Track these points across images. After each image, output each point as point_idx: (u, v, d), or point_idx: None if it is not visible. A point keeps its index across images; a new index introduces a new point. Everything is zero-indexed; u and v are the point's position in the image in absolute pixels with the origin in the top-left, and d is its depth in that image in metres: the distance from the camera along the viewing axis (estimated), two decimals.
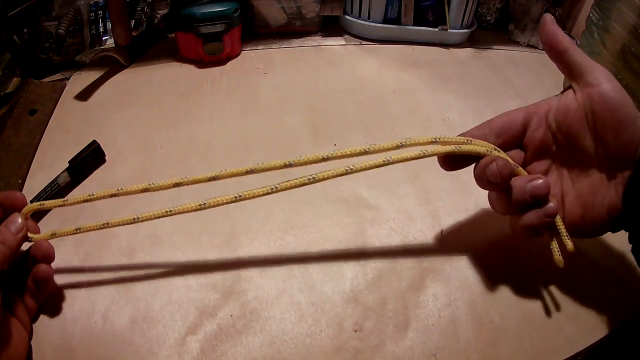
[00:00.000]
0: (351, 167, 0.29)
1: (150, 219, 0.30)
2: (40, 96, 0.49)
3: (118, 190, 0.30)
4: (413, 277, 0.34)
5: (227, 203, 0.30)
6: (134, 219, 0.30)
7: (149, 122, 0.47)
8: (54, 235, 0.31)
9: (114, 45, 0.55)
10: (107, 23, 0.58)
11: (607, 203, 0.28)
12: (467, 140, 0.30)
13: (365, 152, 0.29)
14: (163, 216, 0.30)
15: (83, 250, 0.34)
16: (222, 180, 0.30)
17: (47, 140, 0.45)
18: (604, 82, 0.28)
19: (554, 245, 0.31)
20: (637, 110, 0.27)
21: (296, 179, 0.29)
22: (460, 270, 0.34)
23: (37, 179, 0.40)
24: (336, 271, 0.34)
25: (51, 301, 0.31)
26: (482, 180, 0.30)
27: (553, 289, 0.33)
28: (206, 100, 0.51)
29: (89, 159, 0.41)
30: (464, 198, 0.39)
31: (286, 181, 0.29)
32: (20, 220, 0.29)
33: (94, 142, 0.42)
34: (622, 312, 0.32)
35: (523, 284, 0.33)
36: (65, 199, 0.31)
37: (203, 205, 0.30)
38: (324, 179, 0.29)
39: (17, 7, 0.50)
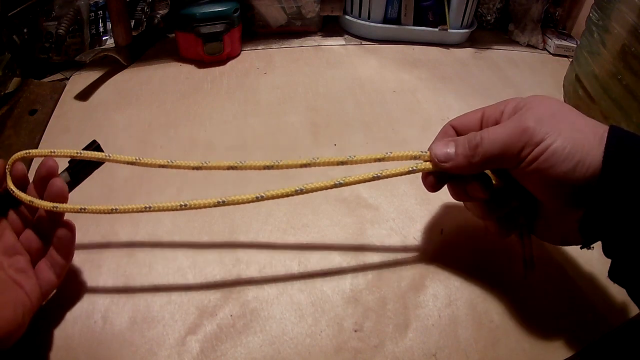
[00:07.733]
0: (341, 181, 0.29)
1: (130, 212, 0.29)
2: (40, 96, 0.49)
3: (107, 155, 0.32)
4: (413, 277, 0.34)
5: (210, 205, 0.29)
6: (112, 209, 0.30)
7: (149, 122, 0.47)
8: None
9: (114, 45, 0.55)
10: (107, 23, 0.58)
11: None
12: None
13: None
14: (142, 211, 0.29)
15: (83, 250, 0.34)
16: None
17: (47, 140, 0.45)
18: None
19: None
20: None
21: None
22: (460, 270, 0.34)
23: None
24: (336, 271, 0.34)
25: (51, 301, 0.31)
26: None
27: (553, 289, 0.33)
28: (206, 100, 0.51)
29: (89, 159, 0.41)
30: None
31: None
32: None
33: (94, 142, 0.42)
34: (621, 313, 0.32)
35: (523, 284, 0.33)
36: (53, 150, 0.31)
37: (184, 206, 0.28)
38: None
39: (17, 7, 0.50)
